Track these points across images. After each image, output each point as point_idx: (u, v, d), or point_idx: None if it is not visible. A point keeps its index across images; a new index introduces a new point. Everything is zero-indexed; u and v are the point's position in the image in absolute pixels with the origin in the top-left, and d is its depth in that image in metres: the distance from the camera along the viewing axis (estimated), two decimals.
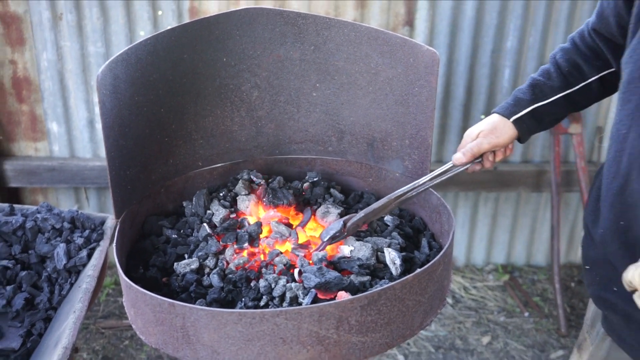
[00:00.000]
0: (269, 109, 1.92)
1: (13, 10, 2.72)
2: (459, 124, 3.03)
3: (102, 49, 2.80)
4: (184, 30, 1.67)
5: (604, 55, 1.52)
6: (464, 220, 3.31)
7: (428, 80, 1.66)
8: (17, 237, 1.87)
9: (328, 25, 1.76)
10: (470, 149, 1.62)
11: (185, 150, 1.85)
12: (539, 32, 2.88)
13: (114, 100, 1.53)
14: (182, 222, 1.77)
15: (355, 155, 1.94)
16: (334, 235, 1.59)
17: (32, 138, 2.96)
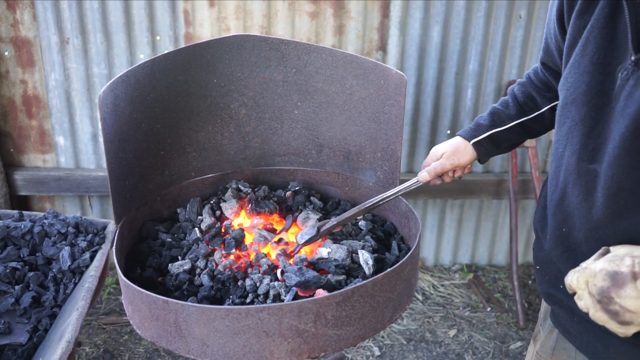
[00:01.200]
0: (255, 125, 1.92)
1: (24, 35, 2.71)
2: (427, 138, 3.04)
3: (105, 70, 2.78)
4: (178, 55, 1.68)
5: (554, 87, 1.53)
6: (432, 225, 3.31)
7: (397, 100, 1.67)
8: (26, 241, 1.85)
9: (308, 50, 1.77)
10: (434, 168, 1.63)
11: (179, 162, 1.85)
12: (497, 57, 2.91)
13: (115, 117, 1.53)
14: (176, 227, 1.76)
15: (333, 167, 1.95)
16: (308, 239, 1.62)
17: (40, 150, 2.93)
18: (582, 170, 1.22)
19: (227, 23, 2.75)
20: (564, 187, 1.29)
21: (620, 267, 1.05)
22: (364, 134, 1.82)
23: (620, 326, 1.05)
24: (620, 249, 1.10)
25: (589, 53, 1.21)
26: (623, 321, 1.05)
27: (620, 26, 1.16)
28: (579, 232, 1.26)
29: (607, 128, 1.17)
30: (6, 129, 2.87)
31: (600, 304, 1.07)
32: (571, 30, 1.27)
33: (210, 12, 2.72)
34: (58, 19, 2.68)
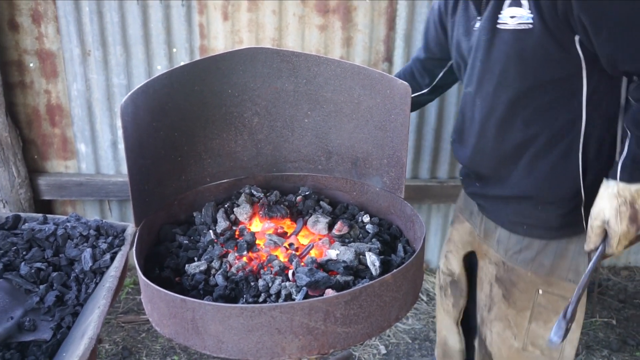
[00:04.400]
0: (267, 133, 1.93)
1: (48, 48, 2.74)
2: (431, 145, 3.05)
3: (125, 81, 2.81)
4: (194, 66, 1.70)
5: (414, 80, 2.03)
6: (436, 229, 3.32)
7: (402, 109, 1.68)
8: (50, 243, 1.86)
9: (317, 62, 1.78)
10: None
11: (195, 168, 1.86)
12: None
13: (135, 126, 1.55)
14: (192, 230, 1.77)
15: (341, 173, 1.95)
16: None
17: (63, 157, 2.96)
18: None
19: (240, 36, 2.77)
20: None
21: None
22: (371, 142, 1.82)
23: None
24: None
25: (460, 29, 1.71)
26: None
27: (469, 7, 1.66)
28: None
29: (472, 65, 1.66)
30: (31, 136, 2.90)
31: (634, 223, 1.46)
32: (450, 25, 1.79)
33: (224, 25, 2.75)
34: (80, 33, 2.71)
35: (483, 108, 1.64)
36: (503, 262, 1.76)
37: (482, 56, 1.59)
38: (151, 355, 2.67)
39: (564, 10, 1.40)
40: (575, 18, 1.40)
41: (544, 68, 1.50)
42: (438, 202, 3.15)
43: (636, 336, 2.93)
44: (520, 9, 1.48)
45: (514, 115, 1.58)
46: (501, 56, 1.54)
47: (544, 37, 1.46)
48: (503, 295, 1.76)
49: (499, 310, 1.77)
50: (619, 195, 1.45)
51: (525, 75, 1.53)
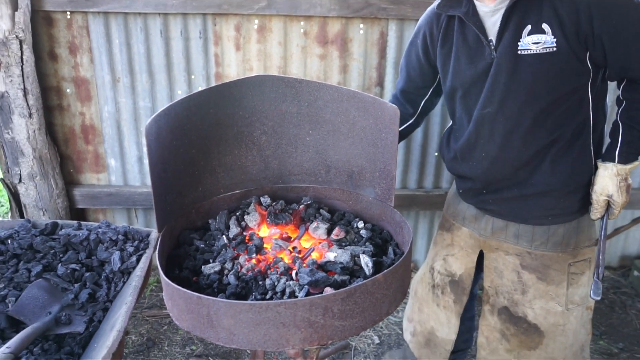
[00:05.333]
0: (274, 150, 1.93)
1: (82, 75, 2.76)
2: (418, 159, 3.05)
3: (150, 104, 2.82)
4: (210, 92, 1.71)
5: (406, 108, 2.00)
6: (423, 232, 3.30)
7: (392, 129, 1.69)
8: (83, 247, 1.87)
9: (318, 87, 1.79)
10: None
11: (210, 180, 1.87)
12: None
13: (158, 144, 1.56)
14: (208, 235, 1.77)
15: (338, 184, 1.96)
16: None
17: (95, 171, 2.97)
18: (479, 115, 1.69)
19: (251, 64, 2.78)
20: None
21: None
22: (365, 157, 1.83)
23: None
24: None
25: (463, 58, 1.67)
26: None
27: (470, 38, 1.65)
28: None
29: (491, 88, 1.63)
30: (67, 153, 2.91)
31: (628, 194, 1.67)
32: (440, 55, 1.75)
33: (237, 55, 2.76)
34: (111, 62, 2.72)
35: (507, 124, 1.65)
36: (528, 252, 1.80)
37: (504, 79, 1.60)
38: (172, 346, 2.66)
39: (585, 34, 1.50)
40: (595, 38, 1.50)
41: (567, 81, 1.58)
42: (424, 209, 3.14)
43: (600, 327, 2.91)
44: (544, 35, 1.52)
45: (539, 126, 1.63)
46: (528, 77, 1.57)
47: (568, 56, 1.53)
48: (538, 278, 1.80)
49: (537, 290, 1.81)
50: (618, 174, 1.65)
51: (552, 90, 1.58)
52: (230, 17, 2.67)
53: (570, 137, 1.66)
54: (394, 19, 2.72)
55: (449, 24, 1.72)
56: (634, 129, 1.61)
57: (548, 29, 1.51)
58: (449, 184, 3.10)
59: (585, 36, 1.50)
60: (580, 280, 1.79)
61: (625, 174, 1.65)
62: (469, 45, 1.66)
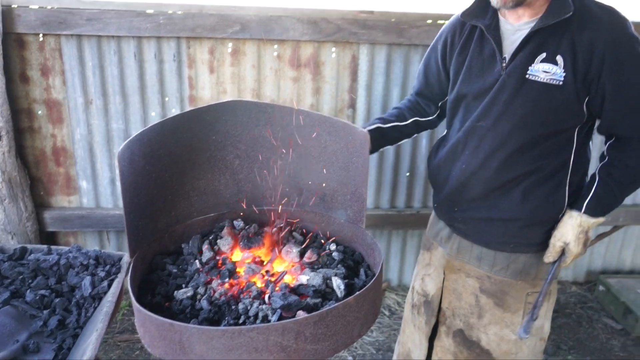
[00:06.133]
0: (247, 173, 1.94)
1: (54, 97, 2.74)
2: (390, 180, 3.09)
3: (123, 126, 2.81)
4: (183, 117, 1.72)
5: (421, 109, 1.99)
6: (396, 251, 3.34)
7: (362, 153, 1.72)
8: (53, 272, 1.84)
9: (289, 112, 1.82)
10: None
11: (184, 204, 1.86)
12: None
13: (130, 169, 1.55)
14: (180, 260, 1.77)
15: (311, 207, 1.97)
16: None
17: (66, 193, 2.93)
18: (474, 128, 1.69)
19: (225, 87, 2.80)
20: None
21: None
22: (336, 180, 1.85)
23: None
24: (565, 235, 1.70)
25: (474, 69, 1.68)
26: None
27: (486, 52, 1.66)
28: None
29: (490, 103, 1.64)
30: (38, 175, 2.87)
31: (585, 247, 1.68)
32: (455, 62, 1.76)
33: (211, 77, 2.78)
34: (84, 84, 2.71)
35: (494, 142, 1.65)
36: (488, 276, 1.80)
37: (505, 98, 1.59)
38: None
39: (592, 77, 1.50)
40: (599, 85, 1.51)
41: (561, 118, 1.58)
42: (397, 228, 3.18)
43: (568, 342, 2.98)
44: (555, 66, 1.52)
45: (523, 153, 1.63)
46: (527, 103, 1.57)
47: (571, 94, 1.53)
48: (495, 303, 1.80)
49: (493, 316, 1.81)
50: (580, 225, 1.65)
51: (545, 122, 1.58)
52: (204, 41, 2.70)
53: (548, 172, 1.66)
54: (365, 43, 2.78)
55: (471, 34, 1.71)
56: (608, 186, 1.62)
57: (561, 61, 1.51)
58: (421, 203, 3.16)
59: (591, 79, 1.51)
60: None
61: (588, 227, 1.65)
62: (484, 57, 1.66)
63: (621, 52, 1.48)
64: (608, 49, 1.47)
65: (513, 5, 1.54)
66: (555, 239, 1.69)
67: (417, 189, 3.12)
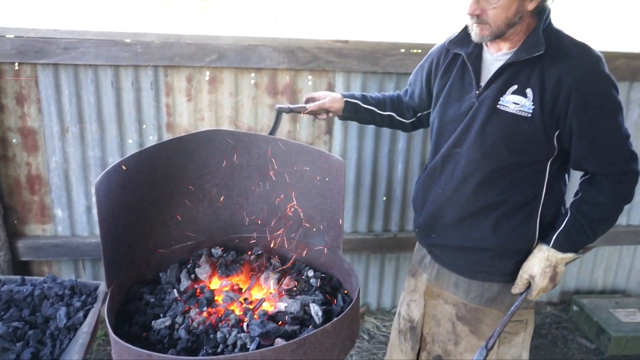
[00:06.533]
0: (225, 201, 1.96)
1: (30, 125, 2.72)
2: (367, 203, 3.14)
3: (99, 153, 2.80)
4: (161, 147, 1.74)
5: (402, 107, 2.10)
6: (374, 275, 3.36)
7: (338, 180, 1.75)
8: (27, 303, 1.81)
9: (266, 141, 1.86)
10: (318, 105, 2.05)
11: (161, 233, 1.87)
12: (420, 138, 3.05)
13: (108, 199, 1.56)
14: (158, 289, 1.76)
15: (288, 233, 1.99)
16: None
17: (40, 221, 2.89)
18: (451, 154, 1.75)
19: (202, 114, 2.83)
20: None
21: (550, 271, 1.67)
22: (313, 207, 1.88)
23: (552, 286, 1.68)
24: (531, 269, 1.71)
25: (454, 94, 1.75)
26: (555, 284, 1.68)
27: (466, 79, 1.72)
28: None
29: (464, 130, 1.69)
30: (11, 204, 2.83)
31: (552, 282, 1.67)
32: (437, 84, 1.83)
33: (188, 105, 2.81)
34: (60, 112, 2.71)
35: (466, 169, 1.69)
36: (464, 304, 1.81)
37: (477, 126, 1.64)
38: None
39: (559, 113, 1.54)
40: (567, 119, 1.54)
41: (527, 149, 1.62)
42: (375, 252, 3.21)
43: None
44: (525, 98, 1.57)
45: (492, 181, 1.67)
46: (496, 132, 1.61)
47: (539, 126, 1.57)
48: (471, 331, 1.81)
49: (469, 343, 1.82)
50: (547, 259, 1.65)
51: (513, 153, 1.62)
52: (181, 69, 2.74)
53: (519, 203, 1.68)
54: (341, 71, 2.86)
55: (454, 60, 1.78)
56: (578, 222, 1.62)
57: (531, 94, 1.56)
58: (398, 227, 3.21)
59: (558, 114, 1.54)
60: (513, 341, 1.81)
61: (556, 261, 1.65)
62: (464, 83, 1.72)
63: (589, 89, 1.51)
64: (575, 85, 1.51)
65: (490, 39, 1.61)
66: (522, 270, 1.70)
67: (394, 212, 3.17)
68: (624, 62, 3.00)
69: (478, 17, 1.57)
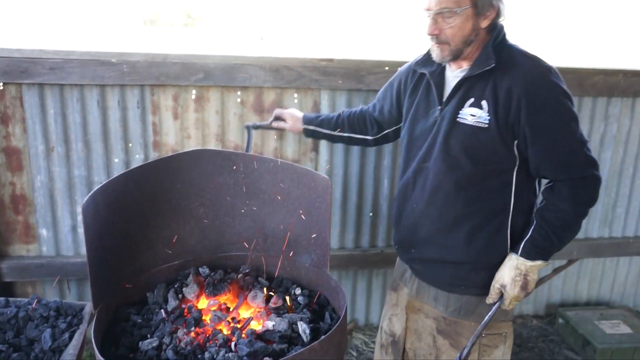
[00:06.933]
0: (212, 220, 1.97)
1: (14, 145, 2.71)
2: (354, 220, 3.16)
3: (85, 173, 2.79)
4: (148, 167, 1.76)
5: (364, 124, 2.20)
6: (362, 291, 3.37)
7: (325, 198, 1.79)
8: (11, 325, 1.79)
9: (253, 160, 1.88)
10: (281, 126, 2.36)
11: (148, 253, 1.87)
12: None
13: (95, 221, 1.57)
14: (145, 309, 1.76)
15: (276, 252, 2.00)
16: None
17: (25, 242, 2.86)
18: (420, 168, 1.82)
19: (189, 132, 2.84)
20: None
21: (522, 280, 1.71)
22: (300, 225, 1.90)
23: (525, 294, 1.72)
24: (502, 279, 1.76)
25: (420, 112, 1.84)
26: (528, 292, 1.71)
27: (430, 96, 1.81)
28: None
29: (430, 145, 1.78)
30: None
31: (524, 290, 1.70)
32: (406, 103, 1.93)
33: (175, 123, 2.82)
34: (45, 132, 2.70)
35: (435, 181, 1.76)
36: (444, 317, 1.84)
37: (441, 139, 1.73)
38: None
39: (513, 121, 1.62)
40: (521, 127, 1.62)
41: (489, 159, 1.69)
42: (362, 268, 3.23)
43: None
44: (481, 110, 1.66)
45: (459, 193, 1.73)
46: (457, 144, 1.70)
47: (495, 136, 1.65)
48: (451, 344, 1.84)
49: (449, 357, 1.85)
50: (517, 268, 1.69)
51: (474, 163, 1.69)
52: (168, 88, 2.75)
53: (489, 214, 1.73)
54: (326, 89, 2.89)
55: (420, 79, 1.88)
56: (543, 229, 1.66)
57: (486, 106, 1.65)
58: (385, 242, 3.23)
59: (512, 123, 1.62)
60: (493, 354, 1.83)
61: (526, 269, 1.68)
62: (428, 101, 1.82)
63: (538, 97, 1.59)
64: (525, 95, 1.59)
65: (449, 59, 1.72)
66: (494, 280, 1.75)
67: (381, 228, 3.20)
68: (601, 78, 3.09)
69: (437, 37, 1.67)
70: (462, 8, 1.61)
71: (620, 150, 3.30)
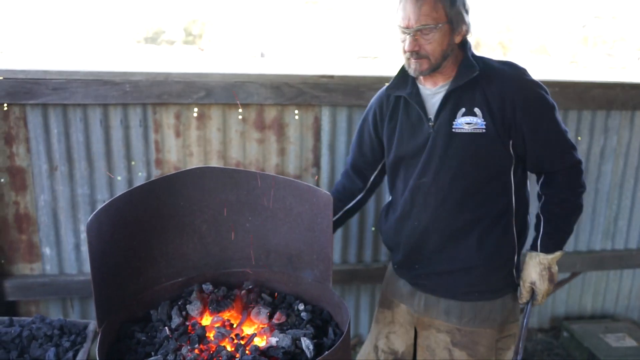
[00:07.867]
0: (214, 237, 1.98)
1: (18, 164, 2.75)
2: (356, 235, 3.17)
3: (88, 191, 2.82)
4: (151, 185, 1.77)
5: (350, 188, 2.16)
6: (365, 306, 3.37)
7: (326, 214, 1.79)
8: (15, 344, 1.81)
9: (255, 176, 1.89)
10: None
11: (152, 270, 1.88)
12: None
13: (99, 239, 1.59)
14: (149, 327, 1.76)
15: (278, 267, 2.01)
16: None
17: (28, 260, 2.88)
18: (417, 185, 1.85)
19: (191, 149, 2.88)
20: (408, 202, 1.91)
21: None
22: (302, 241, 1.91)
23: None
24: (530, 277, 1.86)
25: (405, 133, 1.87)
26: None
27: (413, 115, 1.86)
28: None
29: (427, 160, 1.81)
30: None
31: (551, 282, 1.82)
32: (387, 130, 1.95)
33: (177, 141, 2.85)
34: (48, 151, 2.74)
35: (438, 195, 1.82)
36: (458, 329, 1.87)
37: (439, 153, 1.79)
38: None
39: (509, 122, 1.72)
40: (517, 126, 1.71)
41: (492, 163, 1.77)
42: (365, 282, 3.24)
43: None
44: (475, 117, 1.74)
45: (467, 201, 1.80)
46: (458, 154, 1.77)
47: (495, 139, 1.73)
48: (469, 354, 1.87)
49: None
50: (541, 263, 1.80)
51: (479, 169, 1.77)
52: (170, 106, 2.79)
53: (495, 216, 1.82)
54: (327, 105, 2.93)
55: (397, 103, 1.93)
56: (553, 222, 1.80)
57: (479, 112, 1.74)
58: (388, 256, 3.24)
59: (509, 124, 1.73)
60: (505, 356, 1.89)
61: (548, 263, 1.81)
62: (412, 121, 1.87)
63: (527, 96, 1.72)
64: (516, 96, 1.71)
65: (428, 72, 1.78)
66: (522, 281, 1.85)
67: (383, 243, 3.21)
68: (601, 91, 3.12)
69: (417, 52, 1.74)
70: (440, 24, 1.70)
71: (621, 162, 3.32)
